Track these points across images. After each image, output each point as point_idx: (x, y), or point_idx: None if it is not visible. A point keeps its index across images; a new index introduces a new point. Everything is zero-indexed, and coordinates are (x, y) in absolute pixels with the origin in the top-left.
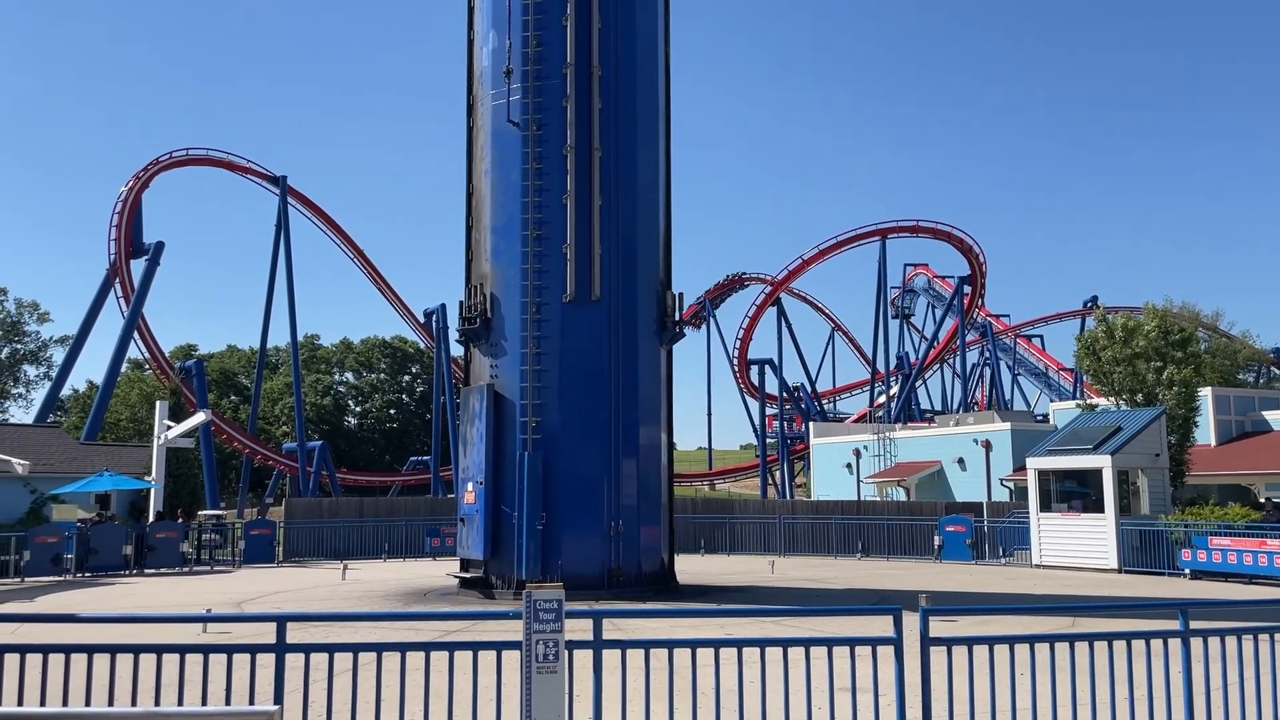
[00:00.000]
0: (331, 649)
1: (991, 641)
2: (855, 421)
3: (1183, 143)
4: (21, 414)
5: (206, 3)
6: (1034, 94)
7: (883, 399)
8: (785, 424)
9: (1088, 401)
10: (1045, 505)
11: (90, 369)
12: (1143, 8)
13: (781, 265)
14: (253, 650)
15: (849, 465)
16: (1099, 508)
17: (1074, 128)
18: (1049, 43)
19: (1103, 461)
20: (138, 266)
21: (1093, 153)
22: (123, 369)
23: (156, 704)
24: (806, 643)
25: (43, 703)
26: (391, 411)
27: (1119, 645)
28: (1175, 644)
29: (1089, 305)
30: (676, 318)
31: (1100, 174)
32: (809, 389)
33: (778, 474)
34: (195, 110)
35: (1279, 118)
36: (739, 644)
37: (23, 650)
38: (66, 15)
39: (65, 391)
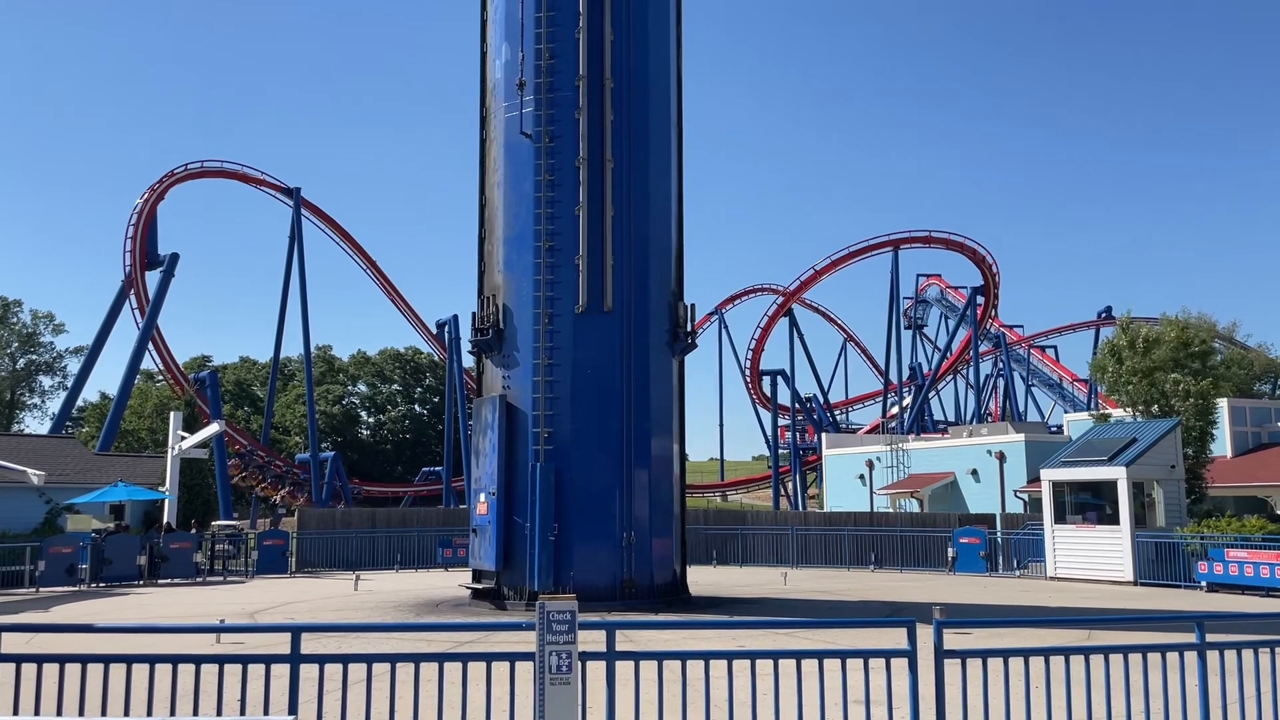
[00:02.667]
0: (345, 659)
1: (1006, 654)
2: (868, 432)
3: (1198, 152)
4: (37, 424)
5: (221, 15)
6: (1047, 104)
7: (895, 410)
8: (797, 435)
9: (1102, 412)
10: (1060, 517)
11: (105, 380)
12: (1157, 15)
13: (793, 276)
14: (267, 660)
15: (862, 476)
16: (1114, 520)
17: (1088, 137)
18: (1062, 52)
19: (1118, 473)
20: (153, 278)
21: (1106, 162)
22: (137, 380)
23: (172, 714)
24: (820, 655)
25: (59, 712)
26: (405, 422)
27: (1135, 658)
28: (1191, 657)
29: (1103, 316)
30: (688, 328)
31: (1114, 184)
32: (821, 400)
33: (790, 485)
34: (210, 122)
35: None
36: (752, 656)
37: (39, 660)
38: (83, 27)
39: (80, 402)
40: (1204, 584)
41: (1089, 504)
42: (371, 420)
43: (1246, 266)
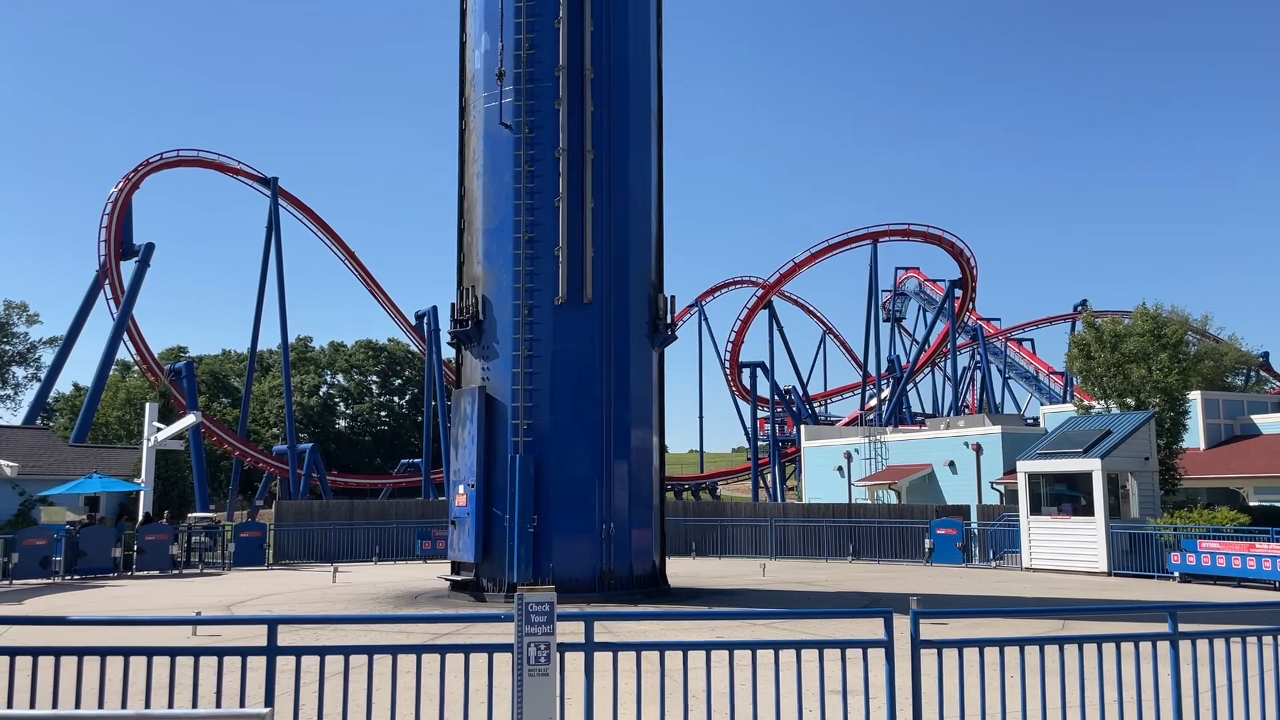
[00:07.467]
0: (322, 651)
1: (982, 644)
2: (846, 424)
3: (1175, 147)
4: (10, 416)
5: (197, 4)
6: (1027, 97)
7: (874, 402)
8: (776, 427)
9: (1079, 403)
10: (1035, 508)
11: (79, 371)
12: (1135, 8)
13: (773, 268)
14: (243, 653)
15: (840, 468)
16: (1089, 511)
17: (1066, 131)
18: (1041, 45)
19: (1092, 465)
20: (128, 268)
21: (1084, 156)
22: (112, 371)
23: (147, 706)
24: (797, 645)
25: (32, 705)
26: (383, 414)
27: (1108, 648)
28: (1164, 646)
29: (1079, 309)
30: (668, 320)
31: (1091, 177)
32: (800, 392)
33: (769, 477)
34: (186, 111)
35: (1270, 123)
36: (730, 646)
37: (12, 653)
38: (57, 16)
39: (54, 393)
40: (1177, 574)
41: (1064, 495)
42: (350, 412)
43: (1222, 261)
